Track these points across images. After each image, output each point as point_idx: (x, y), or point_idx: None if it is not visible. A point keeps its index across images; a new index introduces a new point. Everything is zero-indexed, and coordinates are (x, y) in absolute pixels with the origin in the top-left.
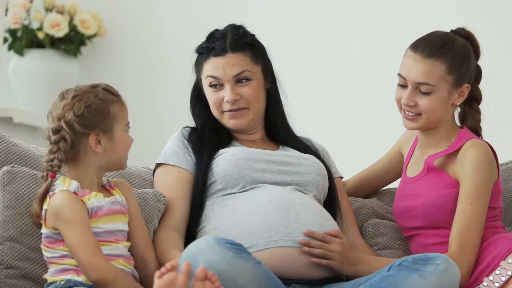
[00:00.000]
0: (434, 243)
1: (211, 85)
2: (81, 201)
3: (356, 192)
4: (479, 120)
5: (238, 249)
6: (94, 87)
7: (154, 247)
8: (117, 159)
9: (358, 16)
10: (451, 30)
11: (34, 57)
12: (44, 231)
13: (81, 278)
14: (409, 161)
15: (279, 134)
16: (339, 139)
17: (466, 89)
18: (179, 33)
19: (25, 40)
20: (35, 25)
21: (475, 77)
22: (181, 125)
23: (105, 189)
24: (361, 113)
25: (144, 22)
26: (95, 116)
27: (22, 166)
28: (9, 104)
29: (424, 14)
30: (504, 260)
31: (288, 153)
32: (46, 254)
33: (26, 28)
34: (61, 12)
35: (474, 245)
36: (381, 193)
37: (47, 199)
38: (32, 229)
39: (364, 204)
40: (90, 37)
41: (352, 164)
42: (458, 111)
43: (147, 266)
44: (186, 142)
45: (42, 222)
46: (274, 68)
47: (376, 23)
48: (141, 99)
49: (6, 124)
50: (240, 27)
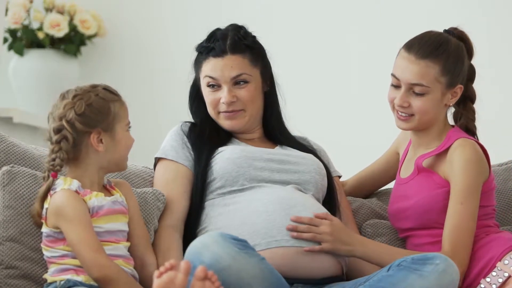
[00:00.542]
0: (427, 243)
1: (209, 85)
2: (83, 200)
3: (355, 193)
4: (473, 120)
5: (243, 245)
6: (94, 87)
7: (154, 249)
8: (118, 158)
9: (355, 15)
10: (444, 30)
11: (34, 57)
12: (45, 230)
13: (81, 278)
14: (403, 161)
15: (276, 135)
16: (338, 139)
17: (459, 90)
18: (179, 33)
19: (25, 40)
20: (35, 25)
21: (468, 76)
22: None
23: (105, 189)
24: (359, 113)
25: (144, 22)
26: (96, 114)
27: (22, 166)
28: (9, 104)
29: (423, 15)
30: (500, 261)
31: (287, 152)
32: (46, 254)
33: (26, 28)
34: (61, 12)
35: (466, 244)
36: (380, 193)
37: (48, 198)
38: (32, 229)
39: (364, 204)
40: (90, 37)
41: (351, 164)
42: (452, 110)
43: (146, 267)
44: (185, 137)
45: (43, 221)
46: (273, 71)
47: (373, 24)
48: (141, 99)
49: (6, 124)
50: (242, 28)
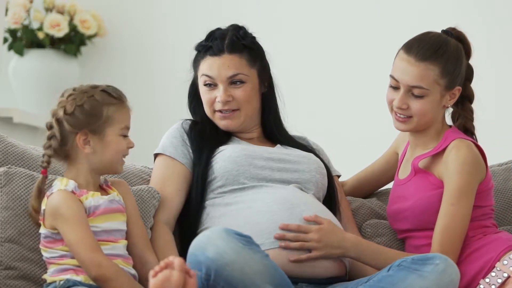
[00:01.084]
0: (424, 244)
1: (206, 84)
2: (79, 200)
3: (355, 193)
4: (471, 119)
5: (247, 241)
6: (94, 87)
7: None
8: (107, 162)
9: (355, 16)
10: (442, 31)
11: (34, 57)
12: (43, 231)
13: (80, 278)
14: (401, 162)
15: (275, 135)
16: (338, 139)
17: (457, 91)
18: (179, 33)
19: (25, 40)
20: (35, 25)
21: (466, 76)
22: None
23: (102, 188)
24: (359, 113)
25: (144, 22)
26: (85, 116)
27: (20, 167)
28: (9, 104)
29: (422, 15)
30: (499, 262)
31: (288, 151)
32: (45, 255)
33: (26, 28)
34: (61, 12)
35: (455, 246)
36: (380, 193)
37: (45, 199)
38: (30, 229)
39: (364, 204)
40: (90, 37)
41: (351, 164)
42: (450, 110)
43: (146, 265)
44: (185, 135)
45: (41, 222)
46: (272, 72)
47: (372, 24)
48: (141, 98)
49: (6, 124)
50: (241, 28)
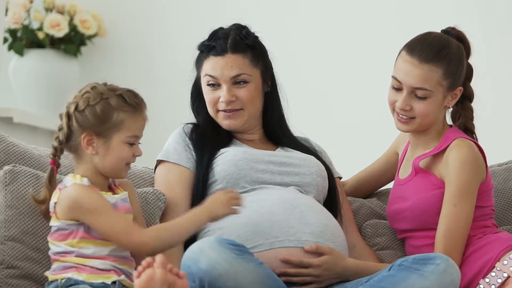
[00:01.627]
0: (425, 244)
1: (209, 84)
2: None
3: (355, 193)
4: (471, 118)
5: (240, 250)
6: (112, 90)
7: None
8: (109, 167)
9: (356, 17)
10: (442, 30)
11: (34, 57)
12: (55, 223)
13: (82, 277)
14: (401, 162)
15: (278, 136)
16: (338, 139)
17: (459, 91)
18: (179, 33)
19: (25, 40)
20: (35, 25)
21: (466, 76)
22: (183, 122)
23: (110, 188)
24: (359, 114)
25: (144, 22)
26: (93, 117)
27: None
28: (9, 104)
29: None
30: (499, 262)
31: (288, 153)
32: (53, 249)
33: (26, 28)
34: (61, 12)
35: (459, 246)
36: (380, 193)
37: (56, 192)
38: (34, 229)
39: (364, 204)
40: (90, 37)
41: (351, 165)
42: (450, 110)
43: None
44: (188, 139)
45: (53, 215)
46: (274, 72)
47: (374, 25)
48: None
49: (6, 124)
50: (244, 27)
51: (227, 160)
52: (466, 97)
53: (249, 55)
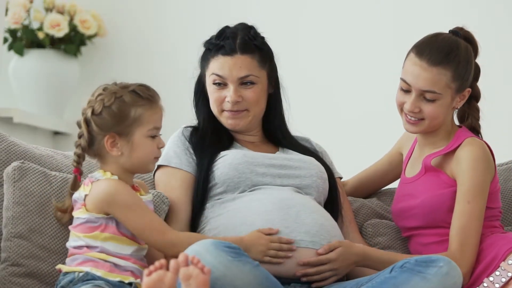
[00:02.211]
0: (433, 242)
1: (215, 83)
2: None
3: (356, 193)
4: (478, 118)
5: (236, 252)
6: (124, 87)
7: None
8: (137, 163)
9: (359, 19)
10: (449, 31)
11: (34, 57)
12: (83, 215)
13: (100, 273)
14: (408, 161)
15: (278, 137)
16: (343, 138)
17: (467, 92)
18: (179, 33)
19: (25, 40)
20: (35, 25)
21: (474, 76)
22: (182, 125)
23: (134, 188)
24: (360, 114)
25: (144, 22)
26: (112, 118)
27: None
28: (9, 104)
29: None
30: (504, 261)
31: (288, 156)
32: (73, 242)
33: (26, 28)
34: (61, 12)
35: (473, 243)
36: (381, 193)
37: (88, 185)
38: (41, 226)
39: (364, 204)
40: (90, 37)
41: (351, 165)
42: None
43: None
44: (187, 143)
45: (82, 207)
46: (278, 74)
47: (376, 27)
48: None
49: (6, 124)
50: (252, 28)
51: (227, 164)
52: (473, 97)
53: (257, 56)
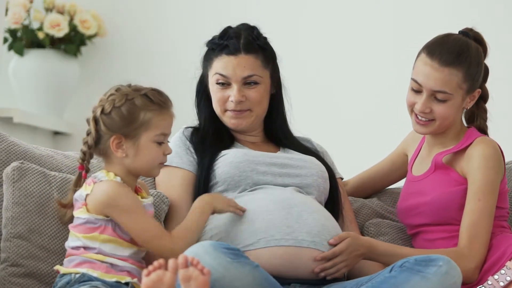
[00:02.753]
0: (439, 238)
1: (218, 82)
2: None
3: (357, 192)
4: (486, 119)
5: (235, 254)
6: (137, 90)
7: None
8: (140, 167)
9: (360, 19)
10: (459, 32)
11: (34, 57)
12: (83, 215)
13: (96, 274)
14: (414, 160)
15: (279, 137)
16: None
17: (477, 93)
18: (179, 33)
19: (25, 40)
20: (35, 25)
21: (483, 77)
22: (182, 125)
23: (136, 190)
24: (361, 114)
25: (145, 21)
26: (120, 119)
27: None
28: (9, 104)
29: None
30: (510, 260)
31: (289, 155)
32: (72, 242)
33: (26, 28)
34: (61, 12)
35: (483, 240)
36: (381, 193)
37: (90, 184)
38: (40, 227)
39: (365, 204)
40: (90, 37)
41: (352, 165)
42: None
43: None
44: (188, 142)
45: (83, 207)
46: (281, 74)
47: (378, 27)
48: None
49: (6, 124)
50: (254, 28)
51: (228, 162)
52: (481, 97)
53: (260, 56)
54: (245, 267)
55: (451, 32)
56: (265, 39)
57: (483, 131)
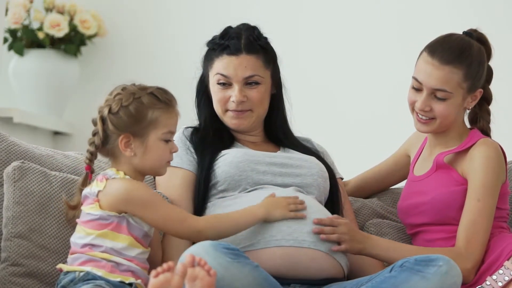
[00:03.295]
0: (439, 238)
1: (219, 82)
2: None
3: (358, 192)
4: (489, 121)
5: (235, 254)
6: (143, 89)
7: (165, 255)
8: (149, 166)
9: (361, 19)
10: (463, 32)
11: (34, 57)
12: (96, 212)
13: (100, 273)
14: (416, 160)
15: (279, 137)
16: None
17: (479, 93)
18: (179, 33)
19: (25, 40)
20: (35, 25)
21: (486, 78)
22: (182, 125)
23: None
24: (361, 114)
25: (145, 21)
26: (128, 118)
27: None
28: (9, 104)
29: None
30: (508, 260)
31: (289, 155)
32: (79, 239)
33: (26, 28)
34: (61, 12)
35: (481, 240)
36: (381, 193)
37: (102, 181)
38: (41, 226)
39: (365, 204)
40: (90, 37)
41: (352, 165)
42: (468, 111)
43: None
44: (188, 142)
45: (95, 204)
46: (281, 74)
47: (378, 27)
48: None
49: (6, 124)
50: (255, 28)
51: (228, 162)
52: (485, 99)
53: (261, 56)
54: (245, 267)
55: (454, 32)
56: (266, 39)
57: (486, 133)
